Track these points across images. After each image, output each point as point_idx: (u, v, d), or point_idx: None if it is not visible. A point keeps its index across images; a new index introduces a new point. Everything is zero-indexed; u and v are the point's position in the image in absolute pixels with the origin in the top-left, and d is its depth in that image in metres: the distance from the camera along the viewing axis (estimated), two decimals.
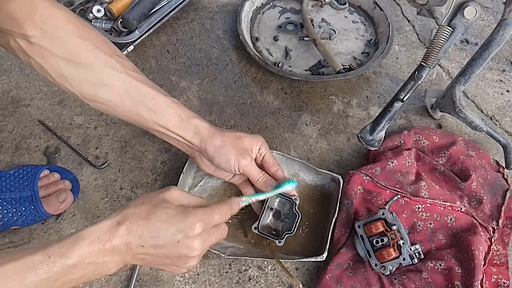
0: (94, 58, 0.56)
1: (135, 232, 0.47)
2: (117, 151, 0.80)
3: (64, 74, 0.56)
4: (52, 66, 0.55)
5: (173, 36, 0.99)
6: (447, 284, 0.64)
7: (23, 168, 0.71)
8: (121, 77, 0.57)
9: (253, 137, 0.65)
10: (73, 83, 0.57)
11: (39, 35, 0.53)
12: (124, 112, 0.60)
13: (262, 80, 0.93)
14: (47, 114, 0.84)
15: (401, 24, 1.06)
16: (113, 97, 0.58)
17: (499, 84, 0.96)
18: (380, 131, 0.70)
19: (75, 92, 0.58)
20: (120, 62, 0.58)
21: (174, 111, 0.60)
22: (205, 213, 0.51)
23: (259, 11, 1.05)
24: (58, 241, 0.44)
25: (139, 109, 0.59)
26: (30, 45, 0.54)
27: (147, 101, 0.59)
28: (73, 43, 0.55)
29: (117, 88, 0.58)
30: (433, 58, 0.61)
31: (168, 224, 0.48)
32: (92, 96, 0.58)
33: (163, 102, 0.60)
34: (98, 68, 0.56)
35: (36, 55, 0.55)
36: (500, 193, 0.75)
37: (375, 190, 0.72)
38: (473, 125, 0.77)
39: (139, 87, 0.58)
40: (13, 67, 0.91)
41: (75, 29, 0.56)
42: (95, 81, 0.57)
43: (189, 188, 0.74)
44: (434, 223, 0.70)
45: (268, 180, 0.65)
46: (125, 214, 0.48)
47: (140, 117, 0.59)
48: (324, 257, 0.64)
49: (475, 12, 0.60)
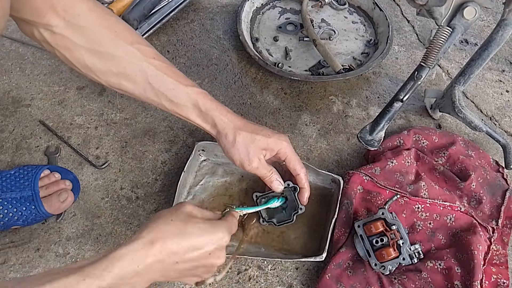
0: (115, 48, 0.56)
1: (170, 249, 0.47)
2: (118, 151, 0.80)
3: (88, 64, 0.57)
4: (76, 57, 0.56)
5: (173, 37, 1.00)
6: (446, 284, 0.64)
7: (23, 168, 0.71)
8: (142, 67, 0.58)
9: (273, 139, 0.63)
10: (98, 73, 0.57)
11: (62, 25, 0.53)
12: (148, 99, 0.61)
13: (262, 80, 0.93)
14: (47, 114, 0.84)
15: (401, 25, 1.06)
16: (136, 87, 0.59)
17: (499, 84, 0.96)
18: (380, 131, 0.70)
19: (102, 82, 0.59)
20: (141, 50, 0.58)
21: (193, 103, 0.60)
22: (228, 226, 0.53)
23: (259, 11, 1.05)
24: (92, 262, 0.44)
25: (161, 99, 0.60)
26: (54, 35, 0.54)
27: (167, 92, 0.59)
28: (95, 32, 0.55)
29: (138, 78, 0.58)
30: (433, 58, 0.61)
31: (202, 238, 0.50)
32: (117, 85, 0.59)
33: (183, 94, 0.60)
34: (119, 58, 0.57)
35: (60, 46, 0.55)
36: (500, 193, 0.75)
37: (374, 190, 0.72)
38: (473, 125, 0.77)
39: (159, 77, 0.59)
40: (13, 67, 0.91)
41: (96, 17, 0.56)
42: (117, 71, 0.58)
43: (190, 187, 0.74)
44: (433, 223, 0.70)
45: (274, 182, 0.65)
46: (157, 231, 0.47)
47: (163, 106, 0.61)
48: (324, 257, 0.64)
49: (474, 12, 0.60)
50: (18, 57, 0.93)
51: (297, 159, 0.65)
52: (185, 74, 0.63)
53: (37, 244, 0.69)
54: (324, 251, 0.64)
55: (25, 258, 0.68)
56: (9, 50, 0.94)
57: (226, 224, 0.53)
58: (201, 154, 0.77)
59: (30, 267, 0.67)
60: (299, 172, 0.65)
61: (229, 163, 0.74)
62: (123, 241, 0.47)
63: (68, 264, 0.65)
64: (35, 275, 0.43)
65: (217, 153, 0.76)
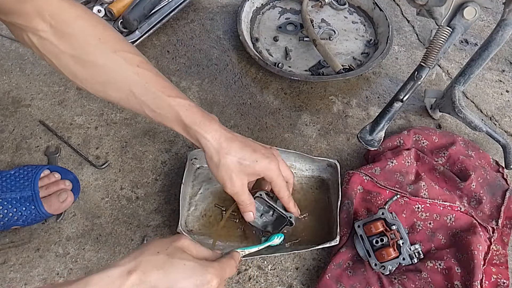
0: (99, 55, 0.56)
1: (148, 282, 0.44)
2: (118, 151, 0.80)
3: (73, 71, 0.56)
4: (63, 64, 0.55)
5: (173, 37, 1.00)
6: (446, 284, 0.64)
7: (23, 168, 0.71)
8: (125, 75, 0.56)
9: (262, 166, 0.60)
10: (84, 80, 0.57)
11: (48, 30, 0.53)
12: (134, 110, 0.59)
13: (262, 80, 0.93)
14: (47, 114, 0.84)
15: (401, 25, 1.06)
16: (121, 95, 0.57)
17: (499, 84, 0.96)
18: (380, 131, 0.70)
19: (88, 89, 0.58)
20: (126, 58, 0.57)
21: (175, 116, 0.57)
22: (220, 268, 0.49)
23: (259, 11, 1.05)
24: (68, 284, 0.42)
25: (144, 109, 0.58)
26: (41, 40, 0.54)
27: (149, 102, 0.57)
28: (80, 39, 0.55)
29: (122, 86, 0.57)
30: (433, 58, 0.61)
31: (185, 276, 0.46)
32: (103, 93, 0.58)
33: (165, 105, 0.57)
34: (103, 66, 0.56)
35: (47, 51, 0.55)
36: (500, 193, 0.75)
37: (374, 190, 0.72)
38: (473, 125, 0.77)
39: (143, 85, 0.57)
40: (13, 67, 0.91)
41: (83, 25, 0.55)
42: (102, 79, 0.57)
43: (190, 197, 0.73)
44: (433, 223, 0.70)
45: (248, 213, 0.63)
46: (138, 262, 0.45)
47: (148, 116, 0.59)
48: (338, 241, 0.65)
49: (474, 12, 0.60)
50: (18, 57, 0.93)
51: (282, 184, 0.62)
52: (185, 74, 0.62)
53: (37, 244, 0.69)
54: (337, 235, 0.65)
55: (25, 258, 0.68)
56: (9, 50, 0.94)
57: (218, 266, 0.49)
58: (195, 162, 0.76)
59: (30, 267, 0.67)
60: (283, 196, 0.63)
61: None
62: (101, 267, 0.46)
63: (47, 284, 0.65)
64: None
65: None
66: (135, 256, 0.46)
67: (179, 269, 0.46)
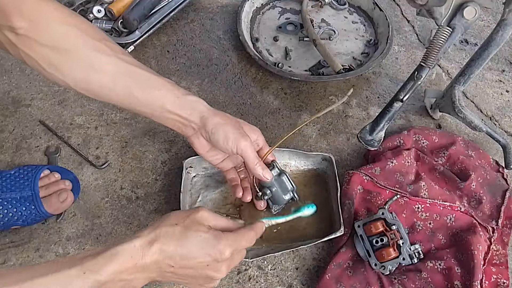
0: (82, 44, 0.55)
1: (167, 252, 0.48)
2: (118, 151, 0.80)
3: (53, 63, 0.55)
4: (42, 56, 0.55)
5: (173, 37, 1.00)
6: (446, 284, 0.64)
7: (23, 168, 0.71)
8: (111, 60, 0.57)
9: (252, 127, 0.66)
10: (64, 71, 0.56)
11: (26, 27, 0.53)
12: (117, 95, 0.59)
13: (262, 80, 0.93)
14: (47, 114, 0.84)
15: (401, 25, 1.06)
16: (105, 81, 0.57)
17: (499, 84, 0.96)
18: (380, 131, 0.70)
19: (68, 81, 0.57)
20: (110, 46, 0.57)
21: (169, 89, 0.59)
22: (235, 239, 0.52)
23: (259, 11, 1.05)
24: (94, 256, 0.45)
25: (133, 91, 0.58)
26: (18, 36, 0.53)
27: (141, 81, 0.58)
28: (60, 30, 0.55)
29: (108, 71, 0.57)
30: (433, 58, 0.61)
31: (199, 248, 0.49)
32: (84, 83, 0.57)
33: (158, 82, 0.59)
34: (87, 53, 0.56)
35: (25, 46, 0.54)
36: (500, 193, 0.75)
37: (374, 190, 0.72)
38: (473, 125, 0.77)
39: (131, 69, 0.58)
40: (13, 67, 0.91)
41: (61, 16, 0.55)
42: (85, 66, 0.56)
43: (189, 206, 0.73)
44: (433, 223, 0.70)
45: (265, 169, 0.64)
46: (157, 233, 0.49)
47: (134, 99, 0.58)
48: (343, 231, 0.65)
49: (474, 12, 0.60)
50: None
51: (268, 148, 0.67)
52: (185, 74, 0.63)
53: (37, 244, 0.69)
54: (342, 225, 0.66)
55: (25, 258, 0.68)
56: None
57: (232, 237, 0.52)
58: (190, 171, 0.76)
59: None
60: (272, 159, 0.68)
61: (219, 172, 0.74)
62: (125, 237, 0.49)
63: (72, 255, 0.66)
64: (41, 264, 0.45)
65: (205, 165, 0.76)
66: (155, 227, 0.49)
67: (193, 240, 0.49)
